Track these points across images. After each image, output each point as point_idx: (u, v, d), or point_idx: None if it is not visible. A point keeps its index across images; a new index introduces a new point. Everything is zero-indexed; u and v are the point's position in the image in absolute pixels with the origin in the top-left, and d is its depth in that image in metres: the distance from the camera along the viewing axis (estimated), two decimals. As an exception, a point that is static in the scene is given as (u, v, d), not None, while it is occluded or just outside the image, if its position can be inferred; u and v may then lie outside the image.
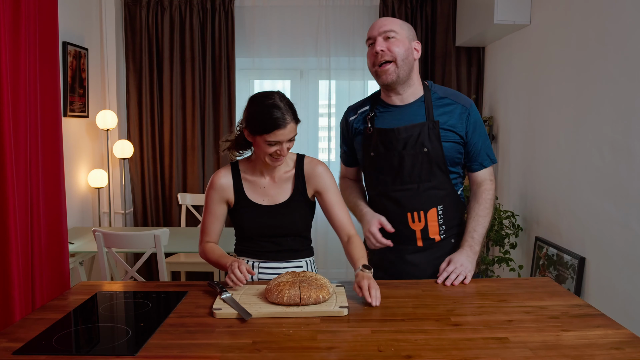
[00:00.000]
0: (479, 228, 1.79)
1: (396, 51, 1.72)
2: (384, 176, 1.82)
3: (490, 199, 1.84)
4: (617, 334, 1.28)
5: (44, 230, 1.74)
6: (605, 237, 2.42)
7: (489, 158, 1.85)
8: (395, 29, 1.73)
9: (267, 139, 1.63)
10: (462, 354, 1.17)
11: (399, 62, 1.73)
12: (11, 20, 1.59)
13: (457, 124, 1.78)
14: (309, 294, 1.45)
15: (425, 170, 1.77)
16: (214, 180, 1.79)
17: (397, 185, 1.81)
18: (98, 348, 1.25)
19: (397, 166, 1.78)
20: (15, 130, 1.60)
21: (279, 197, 1.78)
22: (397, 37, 1.73)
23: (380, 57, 1.73)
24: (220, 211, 1.79)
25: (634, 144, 2.19)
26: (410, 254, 1.83)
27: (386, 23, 1.75)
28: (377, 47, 1.72)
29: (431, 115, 1.77)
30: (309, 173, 1.79)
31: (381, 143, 1.80)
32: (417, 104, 1.80)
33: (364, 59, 4.25)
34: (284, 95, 1.69)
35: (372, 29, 1.77)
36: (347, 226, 1.78)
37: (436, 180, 1.79)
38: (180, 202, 4.14)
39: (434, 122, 1.76)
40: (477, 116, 1.82)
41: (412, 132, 1.76)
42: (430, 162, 1.77)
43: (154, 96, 4.13)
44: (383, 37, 1.73)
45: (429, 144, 1.75)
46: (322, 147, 4.48)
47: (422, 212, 1.80)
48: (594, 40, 2.50)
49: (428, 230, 1.82)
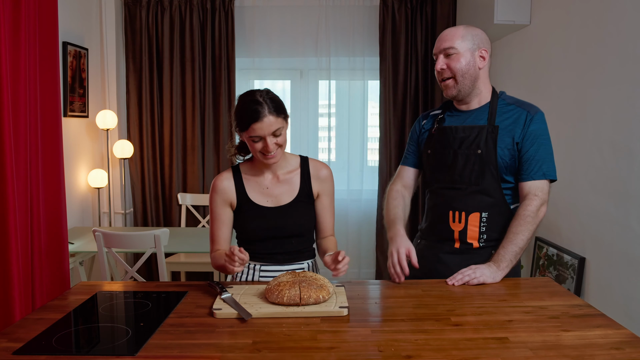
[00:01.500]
0: (509, 245, 1.70)
1: (455, 68, 1.76)
2: (437, 174, 1.85)
3: (529, 215, 1.71)
4: (617, 334, 1.28)
5: (44, 230, 1.74)
6: (605, 237, 2.42)
7: (541, 172, 1.74)
8: (454, 45, 1.75)
9: (249, 135, 1.63)
10: (462, 354, 1.17)
11: (458, 78, 1.77)
12: (11, 20, 1.59)
13: (515, 128, 1.75)
14: (309, 294, 1.45)
15: (475, 173, 1.76)
16: (215, 183, 1.77)
17: (447, 183, 1.82)
18: (98, 348, 1.24)
19: (450, 164, 1.80)
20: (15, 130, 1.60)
21: (283, 197, 1.77)
22: (457, 53, 1.76)
23: (440, 75, 1.80)
24: (226, 215, 1.77)
25: (634, 144, 2.19)
26: (446, 253, 1.82)
27: (447, 39, 1.77)
28: (438, 65, 1.79)
29: (493, 119, 1.77)
30: (316, 174, 1.80)
31: (439, 141, 1.84)
32: (481, 109, 1.82)
33: (364, 59, 4.27)
34: (268, 91, 1.67)
35: (436, 43, 1.81)
36: (329, 229, 1.86)
37: (486, 184, 1.76)
38: (180, 202, 4.14)
39: (494, 127, 1.76)
40: (539, 125, 1.75)
41: (470, 133, 1.78)
42: (483, 165, 1.75)
43: (154, 96, 4.13)
44: (444, 54, 1.78)
45: (484, 146, 1.75)
46: (322, 147, 4.48)
47: (464, 213, 1.79)
48: (594, 41, 2.50)
49: (467, 234, 1.79)
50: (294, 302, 1.44)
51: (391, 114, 4.17)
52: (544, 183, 1.75)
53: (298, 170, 1.79)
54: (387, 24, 4.09)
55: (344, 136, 4.41)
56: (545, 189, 1.75)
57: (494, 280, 1.67)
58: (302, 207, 1.78)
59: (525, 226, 1.71)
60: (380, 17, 4.10)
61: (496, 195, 1.77)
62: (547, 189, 1.75)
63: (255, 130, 1.61)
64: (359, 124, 4.39)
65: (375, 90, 4.37)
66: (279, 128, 1.63)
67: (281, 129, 1.64)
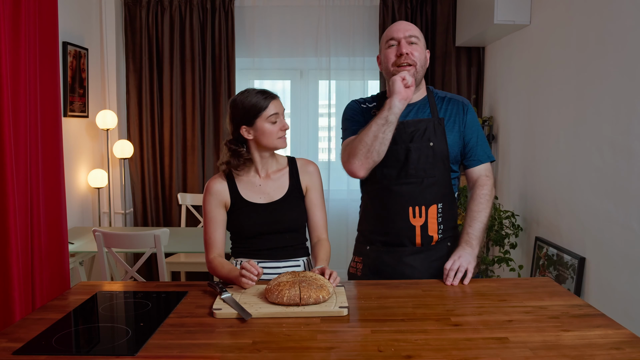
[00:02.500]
0: (475, 224, 1.80)
1: (417, 57, 1.79)
2: (388, 169, 1.83)
3: (486, 194, 1.84)
4: (617, 334, 1.28)
5: (44, 230, 1.74)
6: (605, 237, 2.42)
7: (486, 155, 1.88)
8: (417, 35, 1.81)
9: (268, 114, 1.74)
10: (462, 354, 1.17)
11: (418, 67, 1.79)
12: (11, 20, 1.59)
13: (457, 119, 1.85)
14: (309, 294, 1.45)
15: (429, 165, 1.80)
16: (209, 186, 1.81)
17: (401, 179, 1.82)
18: (98, 348, 1.25)
19: (404, 159, 1.81)
20: (15, 131, 1.60)
21: (275, 194, 1.82)
22: (419, 43, 1.81)
23: (404, 59, 1.78)
24: (220, 216, 1.80)
25: (634, 144, 2.19)
26: (408, 255, 1.83)
27: (410, 28, 1.81)
28: (404, 49, 1.77)
29: (435, 112, 1.84)
30: (303, 169, 1.87)
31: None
32: (421, 103, 1.87)
33: (364, 59, 4.27)
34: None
35: (395, 31, 1.81)
36: (320, 228, 1.87)
37: (439, 175, 1.82)
38: (180, 202, 4.14)
39: (439, 119, 1.82)
40: (473, 113, 1.89)
41: (419, 126, 1.81)
42: (435, 157, 1.80)
43: (154, 96, 4.13)
44: (407, 41, 1.79)
45: (434, 138, 1.80)
46: (322, 147, 4.48)
47: (423, 207, 1.82)
48: (594, 40, 2.50)
49: (428, 227, 1.83)
50: (294, 302, 1.44)
51: (391, 114, 4.16)
52: (489, 165, 1.90)
53: (287, 168, 1.87)
54: (387, 24, 4.09)
55: (344, 136, 4.40)
56: (490, 169, 1.90)
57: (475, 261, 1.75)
58: (294, 202, 1.83)
59: (485, 204, 1.83)
60: (380, 17, 4.10)
61: (447, 184, 1.85)
62: (491, 169, 1.91)
63: (274, 107, 1.74)
64: (359, 124, 4.38)
65: (375, 90, 4.37)
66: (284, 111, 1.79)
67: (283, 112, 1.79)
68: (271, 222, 1.79)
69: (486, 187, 1.85)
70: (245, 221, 1.79)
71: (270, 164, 1.84)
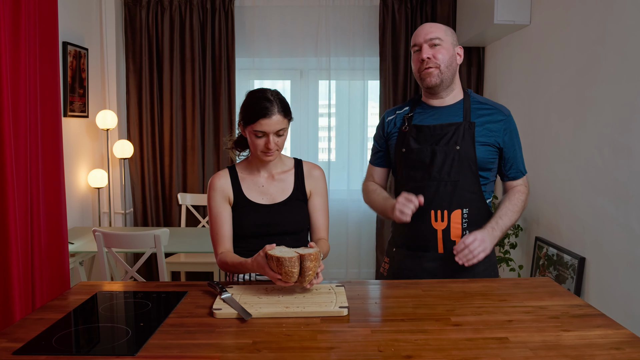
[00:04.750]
0: (505, 218, 1.79)
1: (441, 58, 1.77)
2: (414, 172, 1.83)
3: (523, 200, 1.85)
4: (617, 334, 1.28)
5: (44, 230, 1.74)
6: (605, 237, 2.42)
7: (520, 169, 1.89)
8: (440, 36, 1.77)
9: (254, 129, 1.68)
10: (462, 354, 1.17)
11: (442, 68, 1.77)
12: (11, 20, 1.59)
13: (495, 129, 1.81)
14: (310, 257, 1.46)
15: (455, 168, 1.77)
16: (212, 181, 1.81)
17: (425, 181, 1.80)
18: (98, 348, 1.25)
19: (428, 161, 1.79)
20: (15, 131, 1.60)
21: (278, 195, 1.81)
22: (442, 44, 1.77)
23: (426, 64, 1.77)
24: (226, 211, 1.79)
25: (634, 144, 2.20)
26: (429, 261, 1.81)
27: (432, 30, 1.78)
28: (424, 54, 1.77)
29: (468, 116, 1.80)
30: (309, 173, 1.86)
31: (414, 139, 1.83)
32: (456, 106, 1.84)
33: (364, 59, 4.27)
34: (278, 92, 1.75)
35: (417, 35, 1.80)
36: (321, 231, 1.85)
37: (465, 180, 1.78)
38: (180, 202, 4.14)
39: (470, 123, 1.79)
40: (514, 125, 1.85)
41: (448, 130, 1.79)
42: (461, 161, 1.77)
43: (154, 96, 4.13)
44: (429, 44, 1.77)
45: (462, 142, 1.77)
46: (322, 147, 4.48)
47: (446, 211, 1.79)
48: (594, 41, 2.50)
49: (450, 232, 1.79)
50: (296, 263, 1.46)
51: (391, 114, 4.17)
52: (525, 177, 1.92)
53: (292, 171, 1.85)
54: (387, 24, 4.09)
55: (344, 136, 4.41)
56: (527, 181, 1.92)
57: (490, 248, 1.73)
58: (297, 205, 1.82)
59: (519, 208, 1.84)
60: (380, 17, 4.10)
61: (475, 190, 1.80)
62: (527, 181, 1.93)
63: (262, 125, 1.67)
64: (359, 124, 4.39)
65: (375, 90, 4.37)
66: (283, 128, 1.70)
67: (284, 130, 1.72)
68: (272, 223, 1.78)
69: (524, 194, 1.87)
70: (245, 220, 1.78)
71: (274, 165, 1.83)
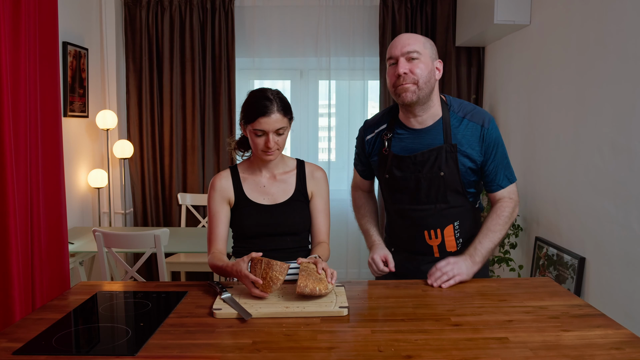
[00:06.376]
0: (485, 241, 1.72)
1: (419, 73, 1.64)
2: (400, 195, 1.81)
3: (507, 216, 1.75)
4: (617, 334, 1.28)
5: (44, 230, 1.74)
6: (605, 237, 2.42)
7: (506, 178, 1.78)
8: (418, 49, 1.64)
9: (254, 127, 1.68)
10: (462, 354, 1.17)
11: (420, 84, 1.65)
12: (11, 20, 1.59)
13: (474, 145, 1.72)
14: (306, 283, 1.45)
15: (441, 193, 1.75)
16: (214, 182, 1.81)
17: (413, 205, 1.80)
18: (98, 348, 1.25)
19: (414, 188, 1.77)
20: (15, 130, 1.60)
21: (279, 196, 1.81)
22: (421, 58, 1.65)
23: (403, 80, 1.64)
24: (224, 212, 1.80)
25: (634, 144, 2.19)
26: (427, 264, 1.81)
27: (409, 42, 1.65)
28: (400, 69, 1.64)
29: (449, 138, 1.71)
30: (311, 175, 1.86)
31: (396, 167, 1.77)
32: (435, 127, 1.74)
33: (364, 59, 4.27)
34: (279, 92, 1.75)
35: (394, 47, 1.67)
36: (322, 234, 1.85)
37: (453, 200, 1.77)
38: (180, 202, 4.14)
39: (452, 146, 1.70)
40: (493, 135, 1.73)
41: (429, 156, 1.72)
42: (447, 186, 1.74)
43: (154, 96, 4.13)
44: (406, 57, 1.64)
45: (445, 168, 1.71)
46: (322, 147, 4.48)
47: (438, 229, 1.80)
48: (594, 41, 2.50)
49: (445, 245, 1.82)
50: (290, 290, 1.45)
51: (391, 114, 4.17)
52: (513, 186, 1.80)
53: (294, 171, 1.85)
54: (387, 24, 4.09)
55: (344, 136, 4.41)
56: (514, 190, 1.80)
57: (468, 276, 1.68)
58: (298, 206, 1.82)
59: (502, 225, 1.75)
60: (380, 17, 4.10)
61: (464, 204, 1.80)
62: (516, 190, 1.81)
63: (261, 124, 1.67)
64: (359, 124, 4.35)
65: (375, 90, 4.37)
66: (283, 127, 1.70)
67: (285, 129, 1.72)
68: (273, 223, 1.78)
69: (507, 209, 1.75)
70: (246, 220, 1.78)
71: (276, 166, 1.83)
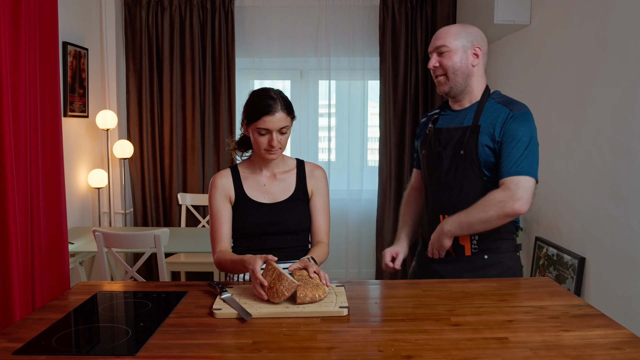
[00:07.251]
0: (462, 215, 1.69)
1: (447, 65, 1.78)
2: (427, 175, 1.89)
3: (491, 199, 1.65)
4: (617, 334, 1.28)
5: (44, 230, 1.74)
6: (605, 237, 2.42)
7: (514, 167, 1.67)
8: (447, 43, 1.77)
9: (257, 126, 1.70)
10: (462, 354, 1.17)
11: (449, 75, 1.78)
12: (11, 21, 1.59)
13: (497, 125, 1.72)
14: (305, 292, 1.45)
15: (460, 174, 1.76)
16: (214, 180, 1.82)
17: (434, 186, 1.85)
18: (98, 348, 1.25)
19: (436, 166, 1.82)
20: (15, 131, 1.60)
21: (279, 195, 1.82)
22: (449, 50, 1.77)
23: (433, 72, 1.83)
24: (226, 210, 1.80)
25: (634, 144, 2.19)
26: (437, 263, 1.81)
27: (440, 37, 1.80)
28: (430, 63, 1.82)
29: (477, 119, 1.77)
30: (310, 173, 1.87)
31: (431, 142, 1.86)
32: (470, 109, 1.82)
33: (364, 59, 4.27)
34: (281, 91, 1.76)
35: (432, 41, 1.84)
36: (322, 233, 1.85)
37: (469, 185, 1.74)
38: (180, 202, 4.14)
39: (476, 126, 1.75)
40: (519, 123, 1.69)
41: (455, 134, 1.79)
42: (465, 165, 1.75)
43: (154, 96, 4.13)
44: (437, 52, 1.80)
45: (466, 146, 1.75)
46: (322, 147, 4.48)
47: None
48: (594, 41, 2.50)
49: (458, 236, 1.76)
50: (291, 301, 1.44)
51: (391, 114, 4.17)
52: (519, 178, 1.65)
53: (294, 170, 1.87)
54: (387, 24, 4.09)
55: (344, 136, 4.41)
56: (519, 183, 1.64)
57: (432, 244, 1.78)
58: (298, 204, 1.83)
59: (483, 205, 1.66)
60: (380, 17, 4.10)
61: (480, 192, 1.71)
62: (522, 185, 1.64)
63: (265, 122, 1.68)
64: (358, 124, 4.39)
65: (375, 90, 4.37)
66: (286, 126, 1.72)
67: (287, 128, 1.73)
68: (273, 222, 1.79)
69: (497, 194, 1.66)
70: (246, 219, 1.79)
71: (276, 165, 1.84)
